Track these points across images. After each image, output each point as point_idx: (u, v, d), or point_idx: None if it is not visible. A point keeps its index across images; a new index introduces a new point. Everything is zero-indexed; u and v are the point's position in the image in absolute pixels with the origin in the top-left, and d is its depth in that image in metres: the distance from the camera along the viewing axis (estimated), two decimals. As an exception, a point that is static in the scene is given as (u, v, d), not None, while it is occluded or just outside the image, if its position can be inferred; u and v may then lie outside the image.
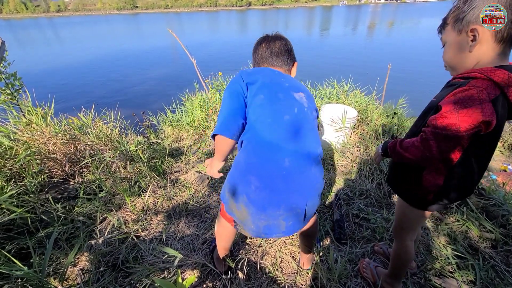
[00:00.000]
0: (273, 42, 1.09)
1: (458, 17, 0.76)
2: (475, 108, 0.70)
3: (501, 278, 1.41)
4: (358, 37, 17.47)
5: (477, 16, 0.71)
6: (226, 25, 28.97)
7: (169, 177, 2.29)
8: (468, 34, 0.75)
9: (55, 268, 1.47)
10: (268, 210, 0.94)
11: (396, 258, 1.21)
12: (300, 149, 0.95)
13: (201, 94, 3.64)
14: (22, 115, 2.57)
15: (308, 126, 0.99)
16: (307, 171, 0.96)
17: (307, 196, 0.98)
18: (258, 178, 0.94)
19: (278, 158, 0.93)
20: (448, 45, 0.82)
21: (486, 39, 0.72)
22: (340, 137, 2.61)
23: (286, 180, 0.93)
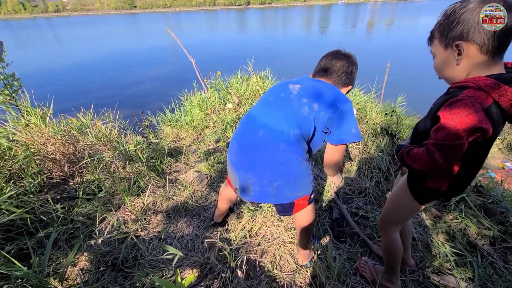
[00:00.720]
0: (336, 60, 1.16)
1: (443, 33, 0.78)
2: (471, 117, 0.72)
3: (499, 275, 1.41)
4: (357, 35, 17.47)
5: (460, 31, 0.73)
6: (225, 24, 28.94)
7: (168, 177, 2.29)
8: (454, 49, 0.76)
9: (55, 268, 1.48)
10: (240, 171, 1.13)
11: (386, 252, 1.23)
12: (274, 125, 1.06)
13: (200, 94, 3.64)
14: (21, 116, 2.57)
15: (286, 108, 1.07)
16: (277, 145, 1.05)
17: (275, 169, 1.07)
18: (238, 143, 1.15)
19: (254, 128, 1.10)
20: (437, 58, 0.85)
21: (472, 52, 0.74)
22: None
23: (257, 148, 1.08)
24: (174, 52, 12.60)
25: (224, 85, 3.66)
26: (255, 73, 3.73)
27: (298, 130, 1.05)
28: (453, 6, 0.75)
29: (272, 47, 13.06)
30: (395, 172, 2.07)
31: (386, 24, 22.88)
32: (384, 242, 1.21)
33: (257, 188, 1.12)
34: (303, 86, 1.11)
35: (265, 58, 10.04)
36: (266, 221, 1.79)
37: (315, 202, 1.97)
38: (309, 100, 1.07)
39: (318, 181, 2.20)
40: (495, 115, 0.74)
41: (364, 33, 18.59)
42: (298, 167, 1.09)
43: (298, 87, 1.11)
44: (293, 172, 1.09)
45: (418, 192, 0.99)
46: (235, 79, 3.83)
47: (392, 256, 1.22)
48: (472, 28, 0.71)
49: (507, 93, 0.71)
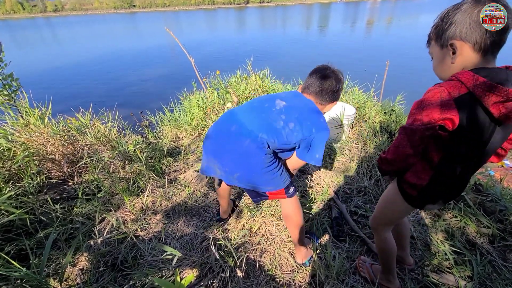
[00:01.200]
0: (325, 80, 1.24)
1: (438, 34, 0.82)
2: (436, 105, 0.76)
3: (498, 273, 1.42)
4: (357, 34, 17.45)
5: (454, 32, 0.77)
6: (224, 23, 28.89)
7: (167, 177, 2.29)
8: (448, 48, 0.80)
9: (54, 269, 1.48)
10: (209, 155, 1.29)
11: (380, 252, 1.25)
12: (246, 124, 1.19)
13: (199, 93, 3.63)
14: (20, 116, 2.57)
15: (264, 116, 1.21)
16: (242, 141, 1.17)
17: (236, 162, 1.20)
18: (212, 131, 1.29)
19: (230, 123, 1.24)
20: (435, 58, 0.88)
21: (466, 51, 0.77)
22: (338, 135, 2.61)
23: (226, 139, 1.21)
24: (173, 51, 12.57)
25: (223, 84, 3.65)
26: (254, 72, 3.72)
27: (266, 136, 1.16)
28: (448, 9, 0.79)
29: (271, 46, 13.04)
30: (394, 171, 2.07)
31: (386, 22, 22.85)
32: (377, 242, 1.23)
33: (222, 173, 1.28)
34: (288, 105, 1.22)
35: (264, 57, 10.02)
36: (265, 220, 1.79)
37: (313, 201, 1.97)
38: (286, 118, 1.18)
39: (317, 181, 2.20)
40: (470, 105, 0.75)
41: (363, 31, 18.57)
42: (259, 164, 1.18)
43: (283, 104, 1.23)
44: (252, 167, 1.19)
45: (406, 194, 0.99)
46: (234, 78, 3.82)
47: (386, 255, 1.23)
48: (465, 28, 0.74)
49: (480, 84, 0.72)
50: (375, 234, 1.21)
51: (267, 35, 18.34)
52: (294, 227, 1.38)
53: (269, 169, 1.20)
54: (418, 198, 0.96)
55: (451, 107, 0.75)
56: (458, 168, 0.87)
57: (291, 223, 1.39)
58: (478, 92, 0.73)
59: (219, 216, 1.83)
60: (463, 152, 0.84)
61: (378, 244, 1.22)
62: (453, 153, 0.85)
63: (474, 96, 0.74)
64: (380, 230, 1.17)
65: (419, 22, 21.97)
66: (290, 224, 1.40)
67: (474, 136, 0.80)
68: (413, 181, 0.94)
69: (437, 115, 0.77)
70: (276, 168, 1.23)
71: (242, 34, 19.66)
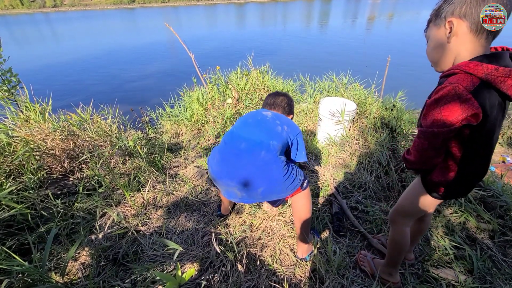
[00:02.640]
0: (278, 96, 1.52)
1: (438, 14, 0.82)
2: (454, 103, 0.74)
3: (498, 268, 1.42)
4: (358, 30, 17.33)
5: (453, 10, 0.76)
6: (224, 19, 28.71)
7: (168, 172, 2.29)
8: (446, 27, 0.79)
9: (56, 263, 1.49)
10: (224, 179, 1.24)
11: (393, 245, 1.22)
12: (254, 138, 1.23)
13: (200, 89, 3.62)
14: (20, 112, 2.56)
15: (264, 125, 1.28)
16: (258, 153, 1.19)
17: (258, 176, 1.19)
18: (220, 155, 1.27)
19: (237, 142, 1.25)
20: (430, 39, 0.88)
21: (463, 30, 0.76)
22: (339, 131, 2.61)
23: (239, 157, 1.21)
24: (173, 47, 12.51)
25: (223, 80, 3.64)
26: (255, 68, 3.71)
27: (276, 142, 1.23)
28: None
29: (271, 42, 12.96)
30: (395, 167, 2.07)
31: (387, 18, 22.68)
32: (392, 235, 1.19)
33: (244, 194, 1.23)
34: (273, 114, 1.37)
35: (265, 53, 9.97)
36: (266, 216, 1.80)
37: (315, 196, 1.97)
38: (281, 123, 1.31)
39: (317, 176, 2.20)
40: (486, 94, 0.75)
41: (364, 27, 18.44)
42: (279, 171, 1.21)
43: (270, 113, 1.36)
44: (274, 176, 1.21)
45: (433, 191, 0.97)
46: (235, 74, 3.81)
47: (398, 249, 1.20)
48: (465, 6, 0.74)
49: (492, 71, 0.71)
50: (392, 227, 1.18)
51: (268, 31, 18.23)
52: (302, 219, 1.39)
53: (288, 174, 1.23)
54: (445, 195, 0.95)
55: (472, 102, 0.73)
56: (481, 161, 0.86)
57: (301, 215, 1.38)
58: (494, 79, 0.72)
59: (220, 211, 1.83)
60: (485, 143, 0.83)
61: (394, 237, 1.19)
62: (476, 146, 0.83)
63: (489, 84, 0.73)
64: (400, 223, 1.15)
65: (420, 18, 21.81)
66: (298, 216, 1.39)
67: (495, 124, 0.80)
68: (438, 179, 0.92)
69: (459, 113, 0.74)
70: (292, 171, 1.27)
71: (243, 30, 19.54)
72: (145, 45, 13.49)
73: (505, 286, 1.31)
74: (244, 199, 1.29)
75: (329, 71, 3.86)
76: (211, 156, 1.33)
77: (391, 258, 1.26)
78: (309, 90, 3.82)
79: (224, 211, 1.81)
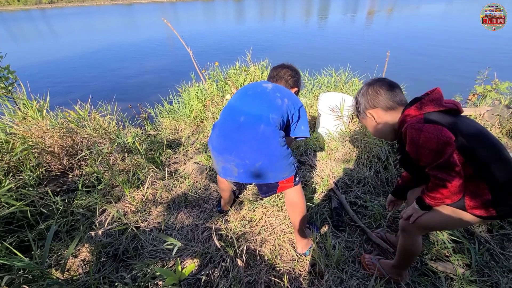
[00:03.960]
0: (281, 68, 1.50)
1: (358, 111, 1.14)
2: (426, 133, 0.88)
3: (496, 261, 1.43)
4: (357, 24, 17.22)
5: (364, 106, 1.09)
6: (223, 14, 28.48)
7: (167, 169, 2.29)
8: (369, 117, 1.10)
9: (56, 260, 1.49)
10: (223, 154, 1.22)
11: (404, 253, 1.20)
12: (254, 111, 1.21)
13: (198, 85, 3.60)
14: (18, 109, 2.55)
15: (264, 97, 1.25)
16: (257, 127, 1.17)
17: (256, 150, 1.17)
18: (219, 129, 1.25)
19: (236, 115, 1.22)
20: (368, 127, 1.15)
21: (379, 113, 1.06)
22: (338, 126, 2.61)
23: (238, 131, 1.18)
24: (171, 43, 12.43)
25: (222, 76, 3.62)
26: (254, 64, 3.69)
27: (276, 115, 1.21)
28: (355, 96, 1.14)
29: (270, 37, 12.87)
30: (394, 162, 2.07)
31: (386, 12, 22.52)
32: (405, 243, 1.16)
33: (241, 169, 1.20)
34: (274, 86, 1.33)
35: (264, 48, 9.91)
36: (265, 211, 1.80)
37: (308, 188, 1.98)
38: (281, 95, 1.28)
39: (317, 171, 2.20)
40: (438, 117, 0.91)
41: (363, 21, 18.32)
42: (278, 146, 1.19)
43: (270, 85, 1.33)
44: (273, 151, 1.18)
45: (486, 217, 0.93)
46: (234, 70, 3.78)
47: (410, 256, 1.20)
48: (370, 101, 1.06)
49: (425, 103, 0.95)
50: (406, 235, 1.14)
51: (267, 26, 18.10)
52: (298, 215, 1.38)
53: (286, 151, 1.23)
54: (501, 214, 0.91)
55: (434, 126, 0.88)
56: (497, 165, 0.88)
57: (296, 211, 1.38)
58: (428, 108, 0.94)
59: (220, 207, 1.84)
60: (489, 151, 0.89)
61: (407, 245, 1.16)
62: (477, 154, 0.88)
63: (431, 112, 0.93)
64: (415, 234, 1.12)
65: (420, 12, 21.67)
66: (294, 212, 1.39)
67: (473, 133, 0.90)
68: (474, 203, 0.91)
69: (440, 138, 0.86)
70: (290, 153, 1.26)
71: (241, 25, 19.39)
72: (143, 41, 13.39)
73: (502, 279, 1.32)
74: (241, 177, 1.23)
75: (329, 66, 3.85)
76: (212, 133, 1.31)
77: (403, 262, 1.25)
78: (308, 86, 3.80)
79: (224, 206, 1.82)
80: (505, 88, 3.68)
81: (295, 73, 1.50)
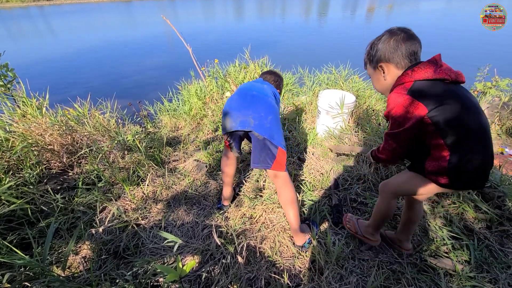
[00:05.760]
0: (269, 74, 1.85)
1: (370, 59, 1.09)
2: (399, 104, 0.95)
3: (495, 257, 1.44)
4: (357, 21, 17.15)
5: (379, 56, 1.03)
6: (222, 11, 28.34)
7: (167, 166, 2.29)
8: (379, 69, 1.06)
9: (57, 257, 1.50)
10: (242, 110, 1.43)
11: (379, 213, 1.34)
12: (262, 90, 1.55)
13: (198, 83, 3.59)
14: (17, 107, 2.54)
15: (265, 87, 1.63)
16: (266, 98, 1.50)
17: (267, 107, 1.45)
18: (238, 95, 1.52)
19: (250, 90, 1.53)
20: (372, 79, 1.14)
21: (392, 69, 1.03)
22: (338, 123, 2.60)
23: (253, 97, 1.48)
24: (171, 40, 12.37)
25: (222, 73, 3.61)
26: (253, 61, 3.68)
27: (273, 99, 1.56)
28: (373, 41, 1.06)
29: (270, 35, 12.81)
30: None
31: (387, 9, 22.42)
32: (380, 204, 1.31)
33: (256, 121, 1.40)
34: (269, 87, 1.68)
35: (263, 45, 9.87)
36: (265, 208, 1.81)
37: (314, 189, 1.98)
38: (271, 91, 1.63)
39: (316, 169, 2.21)
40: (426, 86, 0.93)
41: (363, 18, 18.24)
42: (278, 116, 1.50)
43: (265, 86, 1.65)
44: (276, 114, 1.48)
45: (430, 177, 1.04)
46: (233, 67, 3.77)
47: (382, 217, 1.35)
48: (387, 52, 1.00)
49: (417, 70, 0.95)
50: (381, 197, 1.29)
51: (266, 23, 18.02)
52: (291, 208, 1.45)
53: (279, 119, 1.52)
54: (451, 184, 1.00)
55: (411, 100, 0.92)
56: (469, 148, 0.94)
57: (287, 203, 1.46)
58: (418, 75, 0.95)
59: (220, 204, 1.84)
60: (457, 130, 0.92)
61: (380, 206, 1.31)
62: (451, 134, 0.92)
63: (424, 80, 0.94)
64: (389, 196, 1.25)
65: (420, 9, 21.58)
66: (287, 206, 1.46)
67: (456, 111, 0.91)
68: (432, 168, 1.00)
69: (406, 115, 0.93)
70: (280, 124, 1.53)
71: (241, 23, 19.30)
72: (142, 38, 13.32)
73: (501, 275, 1.33)
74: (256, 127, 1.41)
75: (328, 63, 3.83)
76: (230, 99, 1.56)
77: (375, 221, 1.40)
78: (308, 83, 3.79)
79: (225, 201, 1.83)
80: (505, 85, 3.67)
81: (278, 77, 1.85)
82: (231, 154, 1.74)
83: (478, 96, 3.93)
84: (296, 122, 2.82)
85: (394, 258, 1.45)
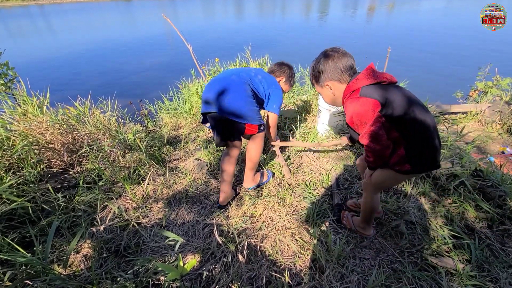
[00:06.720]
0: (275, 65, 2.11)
1: (316, 80, 1.23)
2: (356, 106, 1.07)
3: (496, 256, 1.44)
4: (358, 20, 17.11)
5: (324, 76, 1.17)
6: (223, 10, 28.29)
7: (168, 165, 2.29)
8: (326, 87, 1.20)
9: (58, 256, 1.50)
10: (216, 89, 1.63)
11: (366, 207, 1.45)
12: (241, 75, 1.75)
13: (198, 81, 3.59)
14: (18, 105, 2.54)
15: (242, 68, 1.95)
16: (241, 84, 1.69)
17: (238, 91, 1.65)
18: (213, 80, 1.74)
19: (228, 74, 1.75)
20: (323, 95, 1.27)
21: (336, 85, 1.17)
22: (339, 122, 2.60)
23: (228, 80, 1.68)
24: (171, 39, 12.36)
25: (222, 72, 3.60)
26: (254, 60, 3.67)
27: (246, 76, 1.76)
28: (313, 64, 1.21)
29: (270, 33, 12.80)
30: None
31: (387, 8, 22.37)
32: (366, 200, 1.42)
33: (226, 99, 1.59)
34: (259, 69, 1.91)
35: (264, 44, 9.86)
36: (266, 207, 1.81)
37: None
38: (256, 72, 1.86)
39: (317, 168, 2.20)
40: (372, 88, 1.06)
41: (364, 17, 18.20)
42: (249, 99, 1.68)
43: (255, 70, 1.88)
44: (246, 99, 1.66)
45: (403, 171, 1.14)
46: (234, 66, 3.77)
47: (370, 211, 1.45)
48: (329, 73, 1.15)
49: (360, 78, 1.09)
50: (366, 193, 1.41)
51: (266, 22, 17.99)
52: (253, 159, 1.81)
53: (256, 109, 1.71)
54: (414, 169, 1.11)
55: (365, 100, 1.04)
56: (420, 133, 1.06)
57: (251, 155, 1.81)
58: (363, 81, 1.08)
59: (219, 204, 1.84)
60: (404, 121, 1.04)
61: (367, 201, 1.42)
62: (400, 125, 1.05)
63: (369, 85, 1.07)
64: (372, 192, 1.36)
65: (421, 8, 21.53)
66: (249, 156, 1.82)
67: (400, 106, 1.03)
68: (394, 160, 1.12)
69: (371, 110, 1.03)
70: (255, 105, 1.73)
71: (241, 21, 19.28)
72: (142, 37, 13.31)
73: (502, 274, 1.33)
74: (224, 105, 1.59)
75: (329, 63, 3.81)
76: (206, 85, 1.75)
77: (365, 217, 1.51)
78: (309, 82, 3.79)
79: (223, 201, 1.82)
80: (506, 84, 3.66)
81: (286, 67, 2.05)
82: (232, 152, 1.80)
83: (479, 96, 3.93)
84: (297, 121, 2.81)
85: (395, 257, 1.46)
